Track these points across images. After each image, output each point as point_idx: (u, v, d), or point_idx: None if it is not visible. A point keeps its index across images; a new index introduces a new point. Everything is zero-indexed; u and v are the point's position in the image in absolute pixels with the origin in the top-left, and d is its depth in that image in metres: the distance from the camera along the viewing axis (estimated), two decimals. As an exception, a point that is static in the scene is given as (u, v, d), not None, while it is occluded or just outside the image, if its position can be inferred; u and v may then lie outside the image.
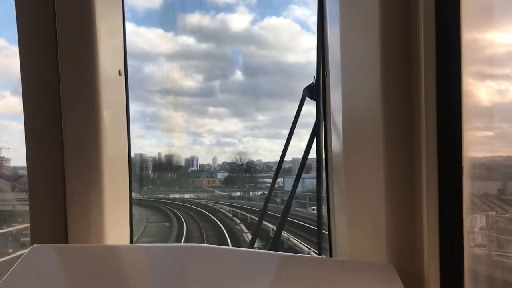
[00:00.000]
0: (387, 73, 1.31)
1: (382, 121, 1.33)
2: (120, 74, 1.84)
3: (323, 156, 1.98)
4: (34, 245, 1.45)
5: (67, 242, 1.66)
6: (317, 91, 1.99)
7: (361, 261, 1.43)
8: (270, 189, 2.45)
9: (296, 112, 2.13)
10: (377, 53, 1.32)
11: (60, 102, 1.64)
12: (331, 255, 1.88)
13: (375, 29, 1.32)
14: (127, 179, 1.94)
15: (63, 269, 1.40)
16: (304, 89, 2.04)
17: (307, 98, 2.06)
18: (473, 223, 1.31)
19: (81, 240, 1.67)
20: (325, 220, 1.98)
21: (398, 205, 1.33)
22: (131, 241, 2.00)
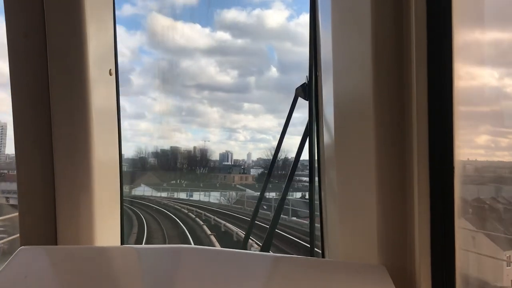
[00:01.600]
0: (379, 71, 1.31)
1: (373, 121, 1.32)
2: (110, 74, 1.82)
3: (316, 157, 1.97)
4: (22, 246, 1.43)
5: (56, 244, 1.64)
6: (309, 91, 1.98)
7: (352, 262, 1.42)
8: (262, 190, 2.43)
9: (289, 113, 2.11)
10: (368, 51, 1.32)
11: (50, 103, 1.62)
12: (323, 256, 1.87)
13: (366, 27, 1.32)
14: (117, 180, 1.92)
15: (51, 271, 1.38)
16: (297, 89, 2.02)
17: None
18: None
19: (71, 242, 1.64)
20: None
21: (390, 206, 1.33)
22: (122, 243, 1.97)
